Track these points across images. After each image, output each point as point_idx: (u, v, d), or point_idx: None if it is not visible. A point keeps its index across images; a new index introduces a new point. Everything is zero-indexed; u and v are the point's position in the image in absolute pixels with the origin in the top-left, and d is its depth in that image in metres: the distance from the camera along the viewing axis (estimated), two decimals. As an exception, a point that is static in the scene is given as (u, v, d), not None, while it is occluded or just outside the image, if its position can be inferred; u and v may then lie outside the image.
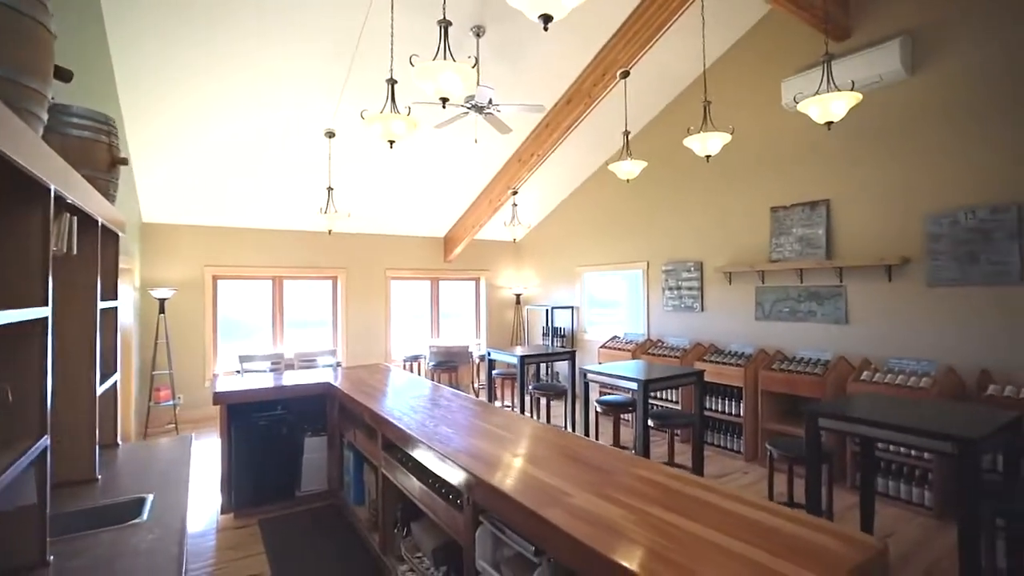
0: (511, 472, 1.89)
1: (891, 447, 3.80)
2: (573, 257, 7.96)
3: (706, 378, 4.96)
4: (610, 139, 6.64)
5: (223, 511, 3.63)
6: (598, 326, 7.54)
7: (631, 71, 5.11)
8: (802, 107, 3.40)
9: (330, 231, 5.58)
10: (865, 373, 4.13)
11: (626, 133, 4.93)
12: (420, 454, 2.34)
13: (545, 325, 8.18)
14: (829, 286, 4.68)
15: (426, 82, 2.91)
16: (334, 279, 7.76)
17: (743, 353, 5.09)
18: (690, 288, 5.89)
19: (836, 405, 2.76)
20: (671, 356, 5.58)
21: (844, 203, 4.63)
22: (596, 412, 4.36)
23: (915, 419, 2.42)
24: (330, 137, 5.44)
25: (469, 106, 4.69)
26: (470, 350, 7.42)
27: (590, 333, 7.60)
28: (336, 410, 3.92)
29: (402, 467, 2.68)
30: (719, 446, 5.05)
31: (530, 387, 4.95)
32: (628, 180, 4.94)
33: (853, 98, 3.27)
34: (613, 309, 7.38)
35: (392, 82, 3.49)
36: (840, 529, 1.42)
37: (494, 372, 6.01)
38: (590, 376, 4.10)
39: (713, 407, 5.08)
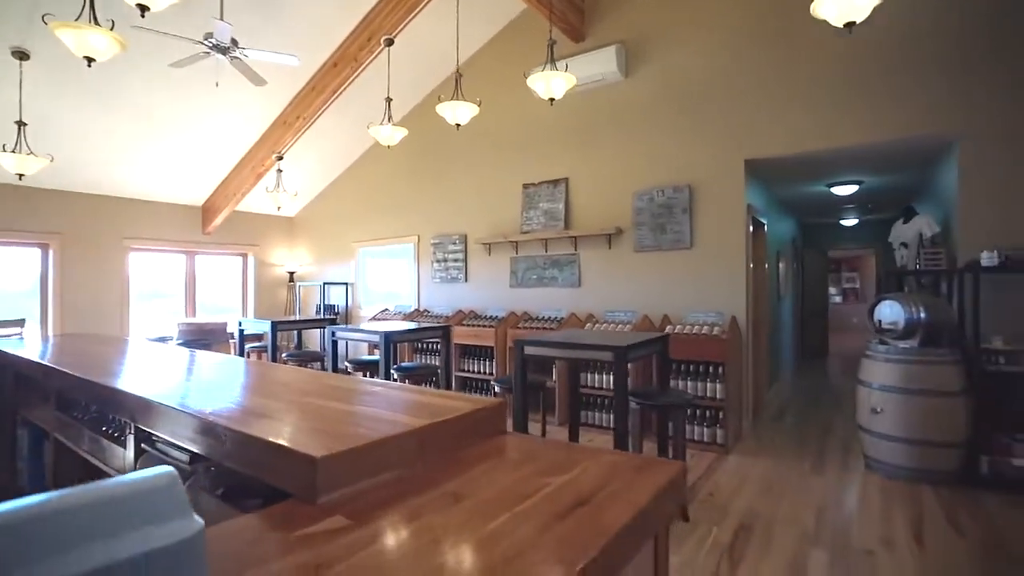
0: (177, 390, 1.76)
1: (596, 387, 4.52)
2: (349, 233, 7.76)
3: (463, 340, 5.30)
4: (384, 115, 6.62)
5: None
6: (375, 302, 7.47)
7: (399, 41, 5.16)
8: (530, 82, 3.82)
9: (21, 175, 4.51)
10: (588, 325, 4.83)
11: (388, 100, 4.97)
12: (87, 395, 2.04)
13: (320, 302, 7.82)
14: (567, 254, 5.35)
15: (116, -18, 2.53)
16: (44, 246, 6.31)
17: (497, 316, 5.54)
18: (456, 260, 6.20)
19: (539, 336, 3.16)
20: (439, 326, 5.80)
21: (579, 181, 5.34)
22: (347, 372, 4.31)
23: (593, 340, 2.91)
24: (21, 59, 4.39)
25: (209, 44, 4.22)
26: (229, 328, 6.72)
27: (365, 309, 7.49)
28: (10, 383, 3.19)
29: (77, 423, 2.30)
30: (476, 403, 5.41)
31: (283, 355, 4.69)
32: (389, 147, 4.99)
33: (569, 80, 3.78)
34: (389, 284, 7.38)
35: (90, -11, 2.98)
36: (479, 398, 1.63)
37: (252, 346, 5.55)
38: (338, 335, 4.04)
39: (469, 368, 5.42)
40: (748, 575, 2.34)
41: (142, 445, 1.77)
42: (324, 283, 7.74)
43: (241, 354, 5.18)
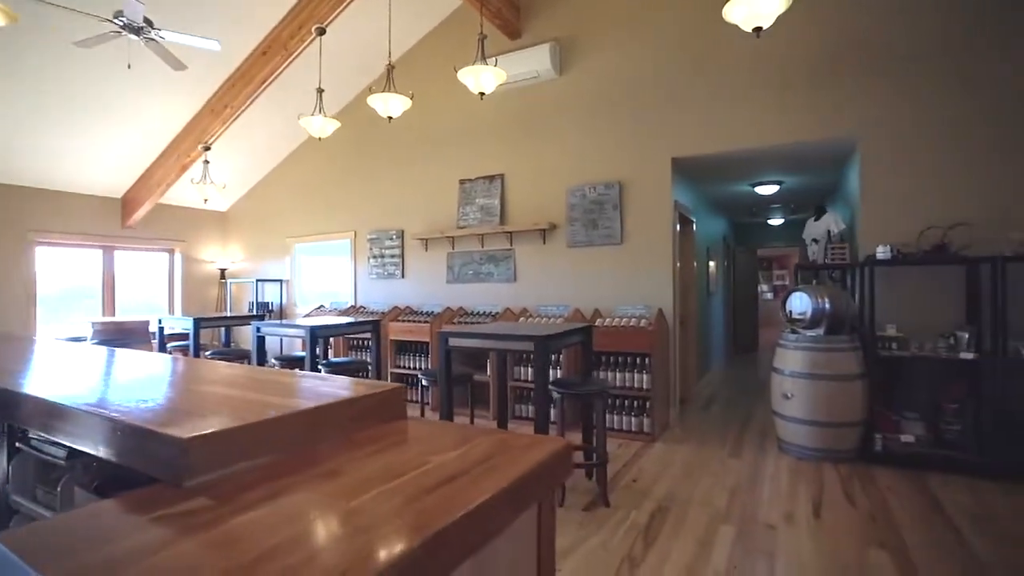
0: (53, 383, 1.65)
1: (528, 380, 4.56)
2: (284, 229, 7.52)
3: (399, 336, 5.24)
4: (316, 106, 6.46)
5: None
6: (311, 299, 7.27)
7: (333, 36, 5.04)
8: (460, 76, 3.81)
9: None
10: (522, 319, 4.88)
11: (320, 90, 4.84)
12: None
13: (254, 300, 7.54)
14: (503, 250, 5.39)
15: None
16: (-66, 239, 5.79)
17: (433, 312, 5.51)
18: (393, 256, 6.12)
19: (463, 330, 3.17)
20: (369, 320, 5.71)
21: (514, 177, 5.38)
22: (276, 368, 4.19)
23: (517, 332, 2.94)
24: (-97, 33, 4.01)
25: (120, 23, 3.98)
26: (151, 327, 6.36)
27: (301, 307, 7.28)
28: None
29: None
30: (408, 400, 5.36)
31: (207, 353, 4.49)
32: (321, 139, 4.87)
33: (498, 75, 3.80)
34: (326, 280, 7.20)
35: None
36: (377, 383, 1.62)
37: (175, 344, 5.29)
38: (264, 330, 3.91)
39: (405, 364, 5.38)
40: (660, 552, 2.44)
41: (16, 444, 1.66)
42: (257, 280, 7.47)
43: (163, 352, 4.92)
